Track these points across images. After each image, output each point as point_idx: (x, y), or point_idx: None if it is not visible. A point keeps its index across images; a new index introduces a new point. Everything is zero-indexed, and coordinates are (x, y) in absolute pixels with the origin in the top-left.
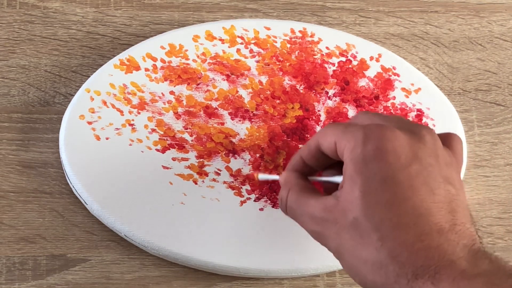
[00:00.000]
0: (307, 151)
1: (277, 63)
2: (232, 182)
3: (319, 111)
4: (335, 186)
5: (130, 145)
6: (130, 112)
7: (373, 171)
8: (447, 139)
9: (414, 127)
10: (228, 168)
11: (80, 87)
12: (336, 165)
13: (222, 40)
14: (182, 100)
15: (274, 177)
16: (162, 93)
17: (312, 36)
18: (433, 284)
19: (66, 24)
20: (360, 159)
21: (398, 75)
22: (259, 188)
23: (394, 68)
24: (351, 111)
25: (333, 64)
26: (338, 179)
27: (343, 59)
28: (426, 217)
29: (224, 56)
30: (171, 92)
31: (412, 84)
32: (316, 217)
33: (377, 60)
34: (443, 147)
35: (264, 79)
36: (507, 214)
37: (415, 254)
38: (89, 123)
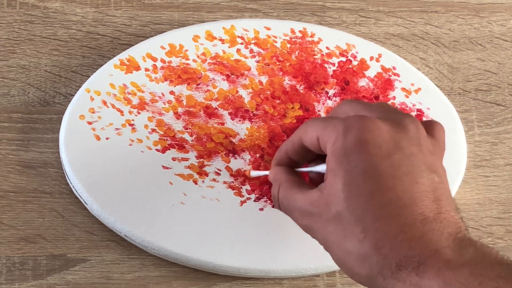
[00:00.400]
0: (291, 146)
1: (277, 63)
2: (232, 182)
3: (319, 111)
4: (321, 176)
5: (130, 145)
6: (130, 112)
7: (354, 163)
8: (430, 127)
9: (396, 116)
10: (228, 168)
11: (80, 87)
12: (322, 156)
13: (222, 40)
14: (182, 100)
15: (266, 172)
16: (162, 93)
17: (312, 36)
18: (418, 275)
19: (66, 24)
20: (341, 152)
21: (398, 75)
22: (259, 188)
23: (394, 68)
24: None
25: (333, 64)
26: (322, 167)
27: (343, 59)
28: (409, 207)
29: (224, 56)
30: (171, 92)
31: (412, 84)
32: (304, 211)
33: (377, 60)
34: (426, 135)
35: (264, 79)
36: (507, 214)
37: (398, 245)
38: (89, 123)
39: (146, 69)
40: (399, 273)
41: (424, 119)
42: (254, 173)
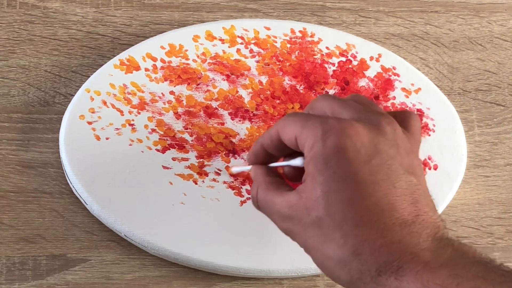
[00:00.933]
0: (269, 141)
1: (277, 63)
2: (232, 182)
3: None
4: (296, 170)
5: (130, 145)
6: (130, 112)
7: (333, 169)
8: (405, 120)
9: (373, 117)
10: (228, 168)
11: (80, 87)
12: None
13: (222, 40)
14: (182, 100)
15: (247, 168)
16: (162, 93)
17: (312, 36)
18: (397, 279)
19: (66, 24)
20: (320, 158)
21: (398, 75)
22: None
23: (394, 68)
24: None
25: (333, 64)
26: (297, 162)
27: (343, 59)
28: (388, 212)
29: (224, 56)
30: (171, 92)
31: (412, 84)
32: (283, 215)
33: (377, 60)
34: (402, 132)
35: (264, 79)
36: (507, 214)
37: (377, 250)
38: (89, 123)
39: (146, 69)
40: (379, 278)
41: (424, 119)
42: (235, 169)
